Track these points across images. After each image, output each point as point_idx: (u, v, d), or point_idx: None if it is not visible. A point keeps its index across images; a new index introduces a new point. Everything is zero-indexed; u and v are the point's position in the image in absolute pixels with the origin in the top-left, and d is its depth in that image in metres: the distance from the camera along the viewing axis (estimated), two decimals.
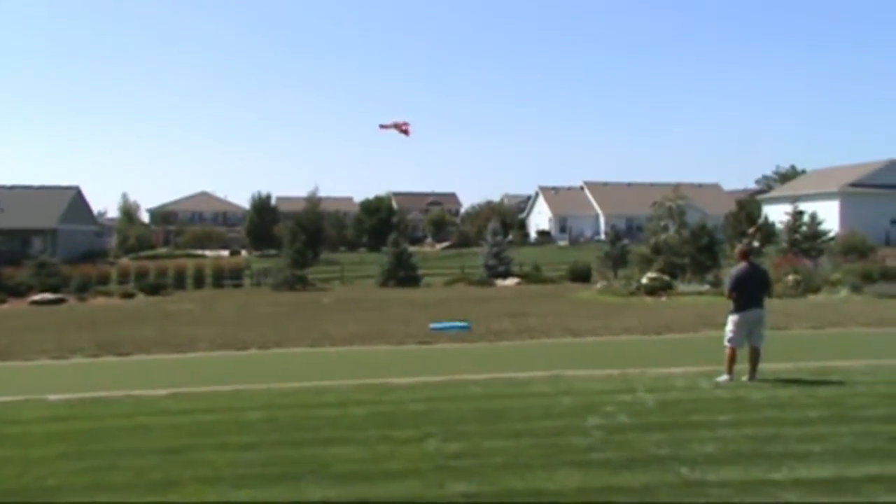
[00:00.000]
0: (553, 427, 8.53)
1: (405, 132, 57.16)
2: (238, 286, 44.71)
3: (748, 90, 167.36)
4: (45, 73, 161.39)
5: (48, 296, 35.21)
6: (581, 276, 41.69)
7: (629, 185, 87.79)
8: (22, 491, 6.74)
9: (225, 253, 68.59)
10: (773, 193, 75.97)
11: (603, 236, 68.60)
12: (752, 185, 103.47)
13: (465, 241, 77.38)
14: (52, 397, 11.35)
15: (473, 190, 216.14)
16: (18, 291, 36.76)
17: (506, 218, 79.44)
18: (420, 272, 44.41)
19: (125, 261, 58.95)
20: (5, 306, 33.57)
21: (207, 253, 67.16)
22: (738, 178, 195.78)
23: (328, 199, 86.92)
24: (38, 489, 6.76)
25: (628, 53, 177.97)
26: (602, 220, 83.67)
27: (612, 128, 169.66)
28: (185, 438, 8.51)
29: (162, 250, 72.14)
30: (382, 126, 59.13)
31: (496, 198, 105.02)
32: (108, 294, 37.78)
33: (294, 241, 45.35)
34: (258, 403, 10.32)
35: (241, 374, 13.38)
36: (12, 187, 63.32)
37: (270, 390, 11.38)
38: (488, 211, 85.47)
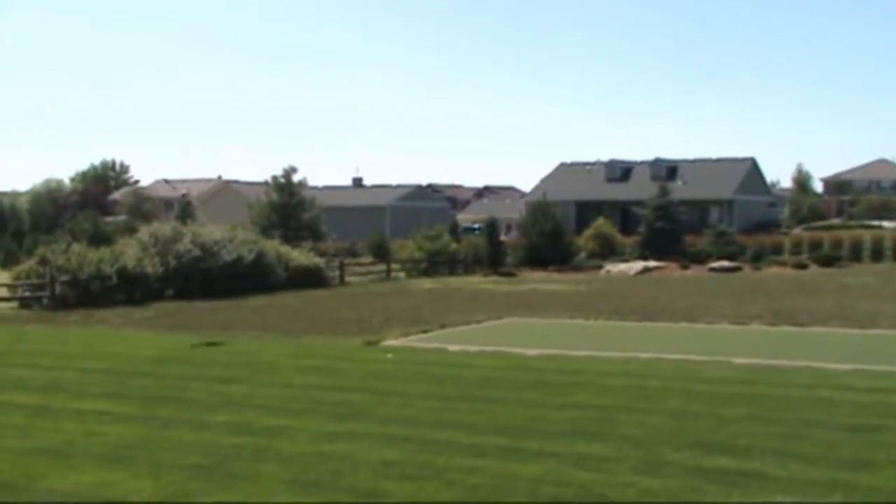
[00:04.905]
0: None
1: None
2: None
3: None
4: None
5: (725, 263, 37.58)
6: None
7: None
8: (716, 445, 7.30)
9: None
10: None
11: None
12: None
13: None
14: (735, 360, 11.99)
15: None
16: (699, 258, 39.85)
17: None
18: None
19: (798, 231, 58.51)
20: (688, 272, 36.70)
21: (885, 224, 62.40)
22: None
23: None
24: (731, 446, 7.24)
25: None
26: None
27: None
28: (872, 418, 8.21)
29: (835, 221, 69.46)
30: None
31: None
32: (781, 264, 38.39)
33: None
34: None
35: None
36: (693, 160, 67.68)
37: None
38: None
